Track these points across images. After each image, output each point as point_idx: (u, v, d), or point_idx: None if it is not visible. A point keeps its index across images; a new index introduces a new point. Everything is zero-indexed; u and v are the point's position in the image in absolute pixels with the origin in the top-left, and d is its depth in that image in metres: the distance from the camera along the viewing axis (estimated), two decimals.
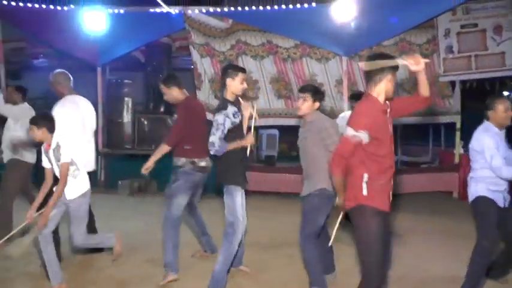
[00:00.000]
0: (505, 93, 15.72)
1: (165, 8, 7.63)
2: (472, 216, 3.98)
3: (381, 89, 3.07)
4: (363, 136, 2.99)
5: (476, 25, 7.89)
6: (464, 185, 5.91)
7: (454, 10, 7.80)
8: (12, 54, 9.87)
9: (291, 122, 8.37)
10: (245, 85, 4.05)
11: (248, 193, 8.06)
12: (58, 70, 4.77)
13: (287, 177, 8.30)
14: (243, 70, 4.07)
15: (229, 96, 3.98)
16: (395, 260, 4.42)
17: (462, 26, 7.91)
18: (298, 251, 5.02)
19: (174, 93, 4.49)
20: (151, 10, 7.80)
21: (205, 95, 8.24)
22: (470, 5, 7.78)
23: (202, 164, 4.46)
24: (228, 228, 3.99)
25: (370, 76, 3.11)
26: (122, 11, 7.92)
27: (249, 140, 4.01)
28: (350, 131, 3.02)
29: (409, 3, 7.11)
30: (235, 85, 3.96)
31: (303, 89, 4.03)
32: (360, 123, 3.02)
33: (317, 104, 3.97)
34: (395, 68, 3.12)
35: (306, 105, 3.93)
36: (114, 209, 7.14)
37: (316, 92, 4.00)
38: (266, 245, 5.54)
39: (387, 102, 3.14)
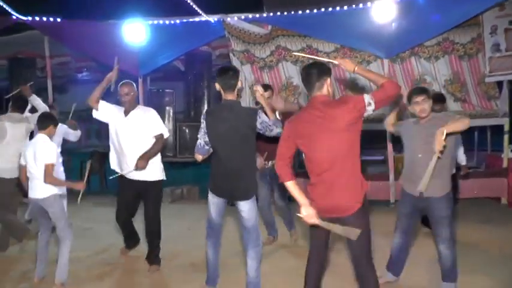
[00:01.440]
0: None
1: (204, 17, 7.68)
2: None
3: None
4: None
5: None
6: None
7: (502, 5, 7.37)
8: (58, 68, 10.20)
9: None
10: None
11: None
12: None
13: None
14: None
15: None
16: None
17: (511, 22, 7.55)
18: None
19: None
20: (191, 19, 7.87)
21: (245, 101, 8.25)
22: None
23: None
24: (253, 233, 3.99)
25: (311, 83, 3.23)
26: (161, 22, 8.06)
27: None
28: None
29: (452, 1, 6.90)
30: None
31: (422, 91, 4.02)
32: None
33: None
34: (329, 72, 3.26)
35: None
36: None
37: None
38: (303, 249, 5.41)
39: None
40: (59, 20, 8.05)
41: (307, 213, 3.07)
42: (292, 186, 3.17)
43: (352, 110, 3.02)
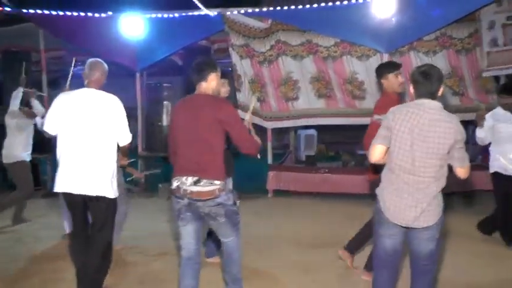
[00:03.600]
0: None
1: (204, 11, 7.62)
2: None
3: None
4: None
5: None
6: None
7: (499, 1, 7.47)
8: (52, 62, 10.05)
9: (333, 121, 8.33)
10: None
11: (288, 194, 8.20)
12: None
13: (329, 177, 8.22)
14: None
15: None
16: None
17: (508, 18, 7.57)
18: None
19: None
20: (190, 13, 7.81)
21: (245, 96, 8.24)
22: None
23: None
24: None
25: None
26: (159, 16, 7.98)
27: None
28: None
29: None
30: None
31: None
32: None
33: None
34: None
35: None
36: (155, 212, 7.16)
37: None
38: (312, 244, 5.52)
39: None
40: (54, 12, 7.94)
41: None
42: None
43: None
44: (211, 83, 3.46)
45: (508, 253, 5.08)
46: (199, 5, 7.35)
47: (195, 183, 3.29)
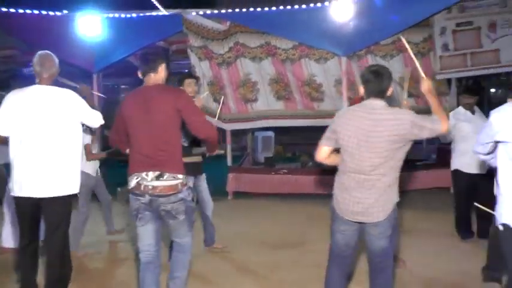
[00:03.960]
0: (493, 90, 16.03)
1: (162, 11, 7.53)
2: None
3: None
4: None
5: (471, 23, 7.96)
6: None
7: (450, 8, 7.86)
8: (1, 62, 9.69)
9: (292, 123, 8.40)
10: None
11: (248, 195, 8.20)
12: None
13: (288, 178, 8.30)
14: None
15: None
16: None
17: (457, 24, 7.98)
18: (305, 251, 5.11)
19: None
20: (148, 14, 7.69)
21: (204, 98, 8.18)
22: (465, 3, 7.85)
23: None
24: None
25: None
26: (117, 15, 7.82)
27: None
28: None
29: (406, 3, 7.17)
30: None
31: None
32: None
33: None
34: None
35: None
36: (115, 217, 6.91)
37: None
38: (275, 245, 5.56)
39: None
40: (4, 9, 7.63)
41: None
42: None
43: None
44: (161, 74, 3.41)
45: (465, 246, 5.31)
46: (158, 5, 7.28)
47: (157, 178, 3.22)
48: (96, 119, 3.84)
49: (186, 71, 8.32)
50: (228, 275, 4.60)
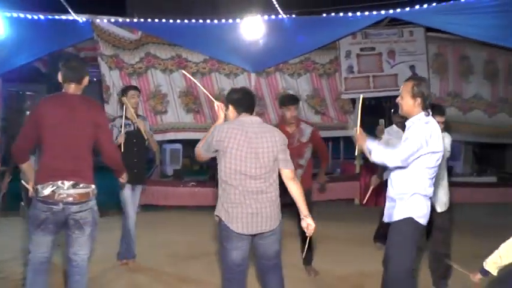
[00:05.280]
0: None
1: (72, 16, 7.29)
2: None
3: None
4: None
5: (373, 49, 8.57)
6: (365, 192, 6.43)
7: (355, 34, 8.44)
8: None
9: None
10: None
11: (157, 207, 8.09)
12: None
13: (197, 190, 8.31)
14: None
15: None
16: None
17: (361, 49, 8.57)
18: (217, 260, 5.10)
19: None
20: (57, 17, 7.36)
21: (113, 108, 7.98)
22: (368, 30, 8.46)
23: None
24: None
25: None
26: (22, 15, 7.40)
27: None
28: None
29: (315, 27, 7.58)
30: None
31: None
32: None
33: None
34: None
35: None
36: (17, 232, 6.47)
37: None
38: (185, 256, 5.57)
39: None
40: None
41: None
42: None
43: None
44: (83, 85, 3.38)
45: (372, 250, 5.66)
46: (69, 9, 7.04)
47: (73, 186, 3.20)
48: None
49: (95, 79, 8.14)
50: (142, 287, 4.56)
